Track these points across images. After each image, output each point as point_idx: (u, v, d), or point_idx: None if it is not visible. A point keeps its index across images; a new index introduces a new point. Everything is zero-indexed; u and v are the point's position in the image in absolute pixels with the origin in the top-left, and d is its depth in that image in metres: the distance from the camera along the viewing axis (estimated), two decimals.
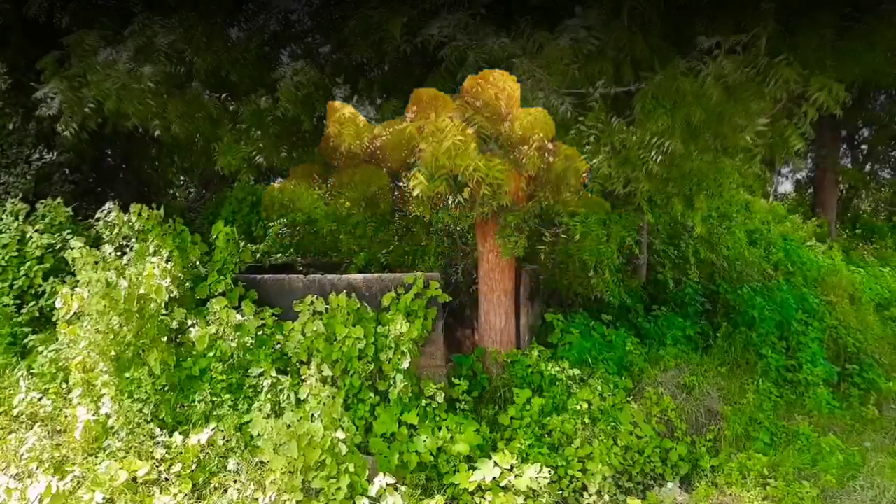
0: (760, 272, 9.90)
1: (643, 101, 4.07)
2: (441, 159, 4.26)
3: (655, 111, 4.05)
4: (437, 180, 4.47)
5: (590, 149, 4.45)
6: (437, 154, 4.21)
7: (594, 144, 4.44)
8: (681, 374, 7.31)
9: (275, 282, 7.20)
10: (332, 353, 6.24)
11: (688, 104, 4.03)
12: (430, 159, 4.23)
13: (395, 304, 6.66)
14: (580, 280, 8.55)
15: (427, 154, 4.23)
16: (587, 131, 4.45)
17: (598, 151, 4.48)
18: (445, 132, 4.22)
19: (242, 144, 6.36)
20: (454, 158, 4.32)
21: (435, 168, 4.37)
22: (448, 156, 4.24)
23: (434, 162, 4.26)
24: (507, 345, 7.43)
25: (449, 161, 4.35)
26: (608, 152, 4.52)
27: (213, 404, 6.05)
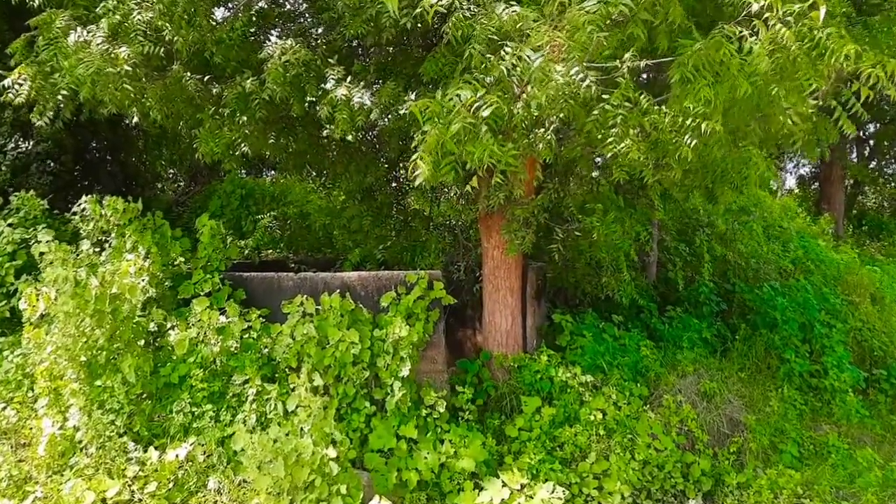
0: (777, 270, 9.38)
1: (682, 70, 3.53)
2: (448, 145, 3.72)
3: (695, 83, 3.51)
4: (444, 168, 3.92)
5: (616, 131, 3.91)
6: (443, 139, 3.67)
7: (621, 126, 3.90)
8: (700, 380, 6.80)
9: (263, 280, 6.65)
10: (323, 358, 5.70)
11: (732, 77, 3.50)
12: (435, 145, 3.68)
13: (395, 305, 6.13)
14: (589, 278, 8.04)
15: (431, 139, 3.68)
16: (612, 111, 3.91)
17: (625, 134, 3.94)
18: (453, 113, 3.68)
19: (226, 130, 5.80)
20: (464, 144, 3.78)
21: (441, 155, 3.82)
22: (457, 140, 3.70)
23: (440, 148, 3.72)
24: (513, 348, 6.91)
25: (458, 147, 3.80)
26: (636, 135, 3.98)
27: (192, 415, 5.51)
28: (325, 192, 7.96)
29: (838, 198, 19.57)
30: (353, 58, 6.67)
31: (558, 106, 3.96)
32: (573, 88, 3.87)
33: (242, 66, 6.07)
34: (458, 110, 3.72)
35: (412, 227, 7.89)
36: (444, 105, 3.78)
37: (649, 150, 4.15)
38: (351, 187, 7.42)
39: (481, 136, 3.78)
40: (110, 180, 13.60)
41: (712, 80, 3.55)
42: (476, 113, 3.73)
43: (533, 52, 3.74)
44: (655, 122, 3.98)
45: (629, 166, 4.33)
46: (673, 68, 3.64)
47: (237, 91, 5.79)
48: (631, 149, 4.01)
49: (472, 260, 7.58)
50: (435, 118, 3.81)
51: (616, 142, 4.04)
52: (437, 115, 3.83)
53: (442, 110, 3.78)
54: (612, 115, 3.97)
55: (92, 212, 6.47)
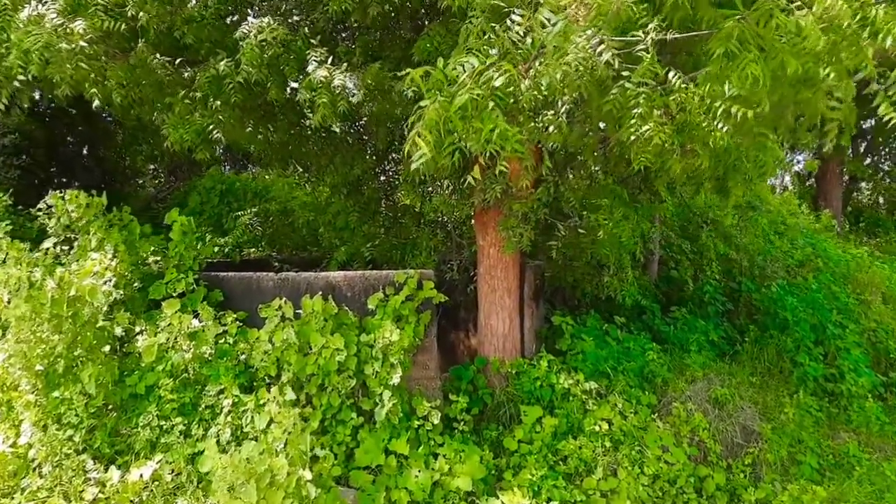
0: (784, 268, 8.96)
1: (725, 43, 3.05)
2: (453, 120, 3.21)
3: (740, 58, 3.04)
4: (446, 150, 3.42)
5: (638, 112, 3.45)
6: (446, 114, 3.16)
7: (644, 106, 3.43)
8: (710, 386, 6.36)
9: (241, 280, 6.15)
10: (305, 366, 5.21)
11: (779, 52, 3.03)
12: (437, 121, 3.17)
13: (383, 306, 5.64)
14: (590, 278, 7.59)
15: (432, 113, 3.17)
16: (634, 90, 3.44)
17: (648, 116, 3.48)
18: (458, 85, 3.17)
19: (197, 116, 5.29)
20: (471, 120, 3.27)
21: (443, 134, 3.31)
22: (462, 116, 3.19)
23: (442, 125, 3.21)
24: (510, 352, 6.45)
25: (463, 124, 3.30)
26: (661, 117, 3.51)
27: (160, 429, 5.00)
28: (309, 186, 7.44)
29: (835, 194, 19.31)
30: (337, 40, 6.18)
31: (572, 84, 3.48)
32: (590, 63, 3.40)
33: (216, 46, 5.57)
34: (462, 81, 3.23)
35: (402, 223, 7.40)
36: (447, 75, 3.29)
37: (674, 134, 3.68)
38: (336, 181, 6.91)
39: (490, 111, 3.28)
40: (87, 175, 13.05)
41: (759, 56, 3.08)
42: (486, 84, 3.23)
43: (552, 13, 3.24)
44: (683, 102, 3.52)
45: (651, 153, 3.84)
46: (714, 41, 3.15)
47: (210, 73, 5.29)
48: (655, 133, 3.55)
49: (467, 258, 7.11)
50: (435, 91, 3.32)
51: (637, 125, 3.56)
52: (438, 87, 3.34)
53: (444, 81, 3.29)
54: (634, 94, 3.50)
55: (56, 207, 5.95)
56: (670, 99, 3.44)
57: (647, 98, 3.43)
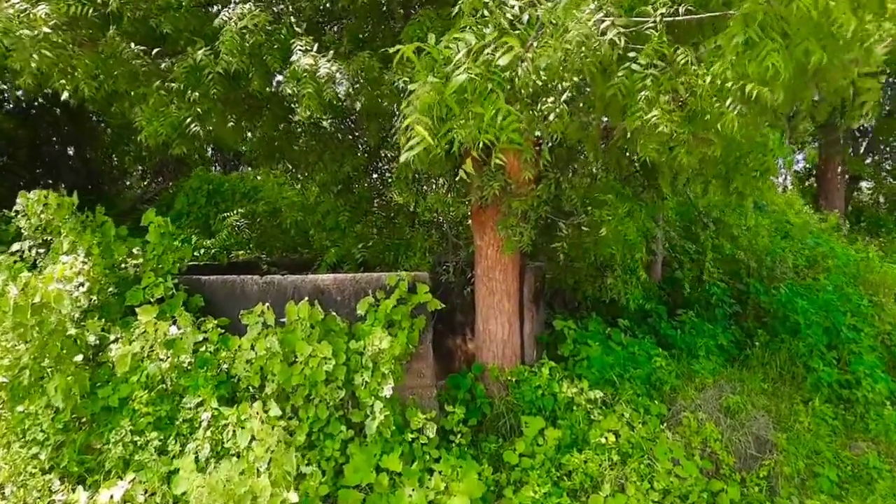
0: (793, 270, 8.63)
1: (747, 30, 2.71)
2: (450, 104, 2.86)
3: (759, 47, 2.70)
4: (443, 140, 3.06)
5: (645, 96, 3.11)
6: (440, 98, 2.81)
7: (651, 88, 3.10)
8: (721, 393, 6.02)
9: (224, 284, 5.78)
10: (291, 376, 4.85)
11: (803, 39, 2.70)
12: (431, 104, 2.82)
13: (374, 311, 5.30)
14: (592, 279, 7.25)
15: (426, 96, 2.82)
16: (641, 72, 3.11)
17: (654, 101, 3.14)
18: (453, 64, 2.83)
19: (173, 108, 4.94)
20: (471, 104, 2.92)
21: (437, 120, 2.96)
22: (459, 99, 2.84)
23: (438, 110, 2.85)
24: (510, 359, 6.10)
25: (461, 108, 2.94)
26: (669, 102, 3.18)
27: (134, 445, 4.64)
28: (298, 185, 7.08)
29: (837, 194, 19.10)
30: (324, 29, 5.83)
31: (573, 65, 3.14)
32: (593, 43, 3.06)
33: (195, 36, 5.23)
34: (458, 60, 2.88)
35: (395, 223, 7.05)
36: (441, 53, 2.94)
37: (684, 121, 3.34)
38: (325, 179, 6.55)
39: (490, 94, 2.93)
40: (73, 176, 12.73)
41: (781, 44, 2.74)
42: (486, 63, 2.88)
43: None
44: (692, 85, 3.18)
45: (658, 143, 3.50)
46: (735, 24, 2.80)
47: (188, 64, 4.94)
48: (661, 120, 3.21)
49: (463, 260, 6.77)
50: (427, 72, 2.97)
51: (643, 111, 3.23)
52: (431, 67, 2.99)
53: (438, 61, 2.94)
54: (641, 76, 3.17)
55: (27, 208, 5.60)
56: (679, 82, 3.10)
57: (655, 81, 3.08)
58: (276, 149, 6.37)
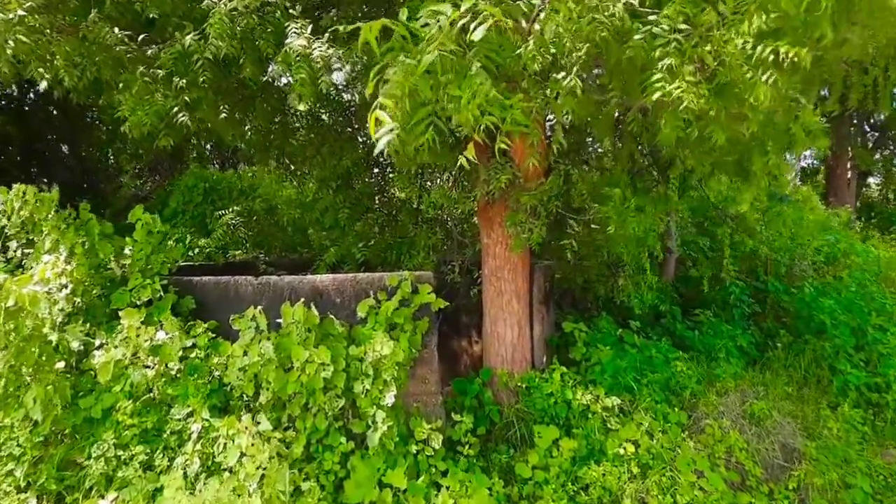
0: (812, 267, 8.27)
1: None
2: (421, 86, 2.52)
3: None
4: (418, 125, 2.71)
5: (668, 64, 2.76)
6: (410, 78, 2.47)
7: (675, 56, 2.74)
8: (745, 398, 5.68)
9: (216, 286, 5.45)
10: (286, 384, 4.52)
11: None
12: (401, 86, 2.48)
13: (374, 314, 4.96)
14: (604, 279, 6.91)
15: (397, 78, 2.49)
16: (663, 36, 2.76)
17: (678, 72, 2.79)
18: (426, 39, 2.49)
19: (158, 96, 4.60)
20: (444, 86, 2.58)
21: (410, 103, 2.62)
22: (430, 79, 2.51)
23: (405, 91, 2.51)
24: (520, 363, 5.76)
25: (435, 92, 2.61)
26: (694, 73, 2.82)
27: (117, 460, 4.31)
28: (295, 181, 6.74)
29: (847, 190, 18.79)
30: (321, 13, 5.48)
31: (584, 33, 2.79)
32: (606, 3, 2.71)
33: (184, 20, 4.88)
34: (431, 36, 2.54)
35: (397, 220, 6.70)
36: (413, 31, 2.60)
37: (712, 95, 2.97)
38: (324, 174, 6.21)
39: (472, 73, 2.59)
40: (66, 174, 12.40)
41: None
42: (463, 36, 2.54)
43: None
44: (722, 51, 2.81)
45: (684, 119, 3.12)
46: None
47: (175, 49, 4.60)
48: (686, 92, 2.84)
49: (469, 259, 6.43)
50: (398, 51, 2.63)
51: (665, 81, 2.87)
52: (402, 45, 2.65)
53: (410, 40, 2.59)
54: (663, 42, 2.81)
55: (5, 205, 5.28)
56: (705, 50, 2.75)
57: (678, 46, 2.72)
58: (272, 142, 6.03)
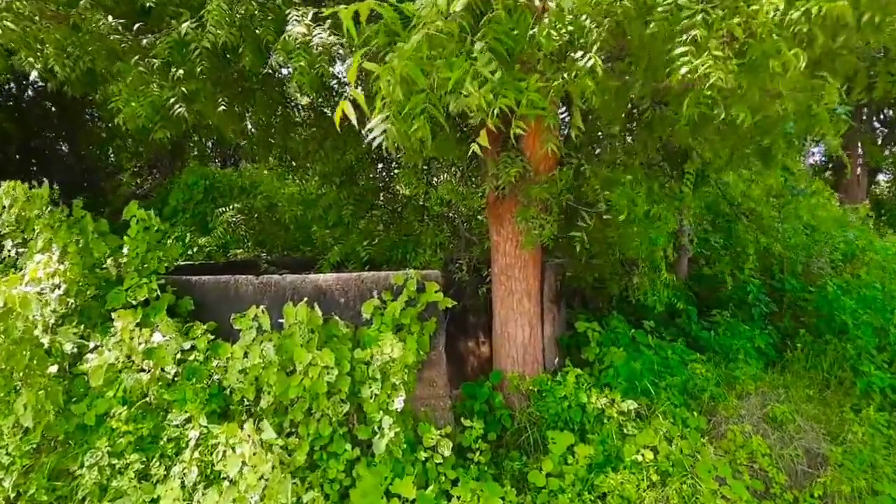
0: (830, 264, 8.02)
1: None
2: (411, 70, 2.30)
3: None
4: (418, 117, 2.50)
5: (692, 35, 2.52)
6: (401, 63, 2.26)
7: (702, 28, 2.52)
8: (766, 401, 5.45)
9: (216, 285, 5.25)
10: (289, 388, 4.31)
11: None
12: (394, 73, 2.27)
13: (380, 315, 4.75)
14: (617, 278, 6.67)
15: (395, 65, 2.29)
16: (690, 7, 2.53)
17: (704, 46, 2.56)
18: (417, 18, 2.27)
19: (154, 87, 4.39)
20: (439, 69, 2.37)
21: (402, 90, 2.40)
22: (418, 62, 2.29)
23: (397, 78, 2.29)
24: (531, 366, 5.54)
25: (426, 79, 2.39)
26: (722, 47, 2.59)
27: (111, 470, 4.10)
28: (297, 177, 6.51)
29: (856, 187, 18.58)
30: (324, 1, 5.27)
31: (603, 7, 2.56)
32: None
33: (182, 7, 4.67)
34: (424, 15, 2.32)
35: (403, 217, 6.48)
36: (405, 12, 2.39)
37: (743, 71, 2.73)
38: (327, 169, 5.99)
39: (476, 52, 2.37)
40: (66, 172, 12.22)
41: None
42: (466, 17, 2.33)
43: None
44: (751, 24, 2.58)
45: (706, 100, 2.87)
46: None
47: (172, 38, 4.39)
48: (713, 69, 2.61)
49: (478, 257, 6.20)
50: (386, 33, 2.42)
51: (691, 55, 2.63)
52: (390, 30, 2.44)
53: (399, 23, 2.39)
54: (690, 13, 2.58)
55: None
56: (733, 22, 2.52)
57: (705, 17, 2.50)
58: (272, 135, 5.81)
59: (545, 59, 2.95)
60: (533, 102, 2.63)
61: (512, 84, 2.65)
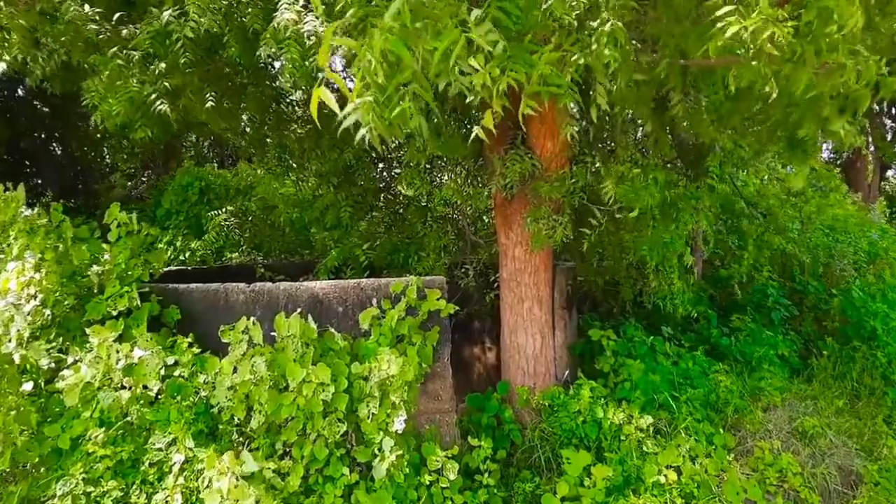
0: (853, 266, 7.64)
1: None
2: (393, 45, 1.96)
3: None
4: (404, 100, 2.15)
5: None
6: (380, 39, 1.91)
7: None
8: (793, 414, 5.09)
9: (205, 294, 4.89)
10: (281, 407, 3.96)
11: None
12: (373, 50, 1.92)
13: (378, 325, 4.40)
14: (632, 281, 6.32)
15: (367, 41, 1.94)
16: None
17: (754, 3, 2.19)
18: None
19: (133, 82, 4.05)
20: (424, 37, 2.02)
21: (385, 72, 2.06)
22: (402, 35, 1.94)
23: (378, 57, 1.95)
24: (543, 377, 5.19)
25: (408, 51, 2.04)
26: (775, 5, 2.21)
27: (87, 498, 3.75)
28: (294, 176, 6.14)
29: (869, 183, 18.20)
30: None
31: None
32: None
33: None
34: None
35: (405, 219, 6.12)
36: None
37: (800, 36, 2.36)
38: (324, 169, 5.64)
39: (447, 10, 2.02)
40: (56, 173, 11.91)
41: None
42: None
43: None
44: None
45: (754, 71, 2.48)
46: None
47: (153, 28, 4.04)
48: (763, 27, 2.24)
49: (485, 261, 5.86)
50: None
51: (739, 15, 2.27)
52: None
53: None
54: None
55: None
56: None
57: None
58: (268, 134, 5.46)
59: (561, 31, 2.58)
60: (546, 78, 2.27)
61: (522, 56, 2.29)
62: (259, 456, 3.94)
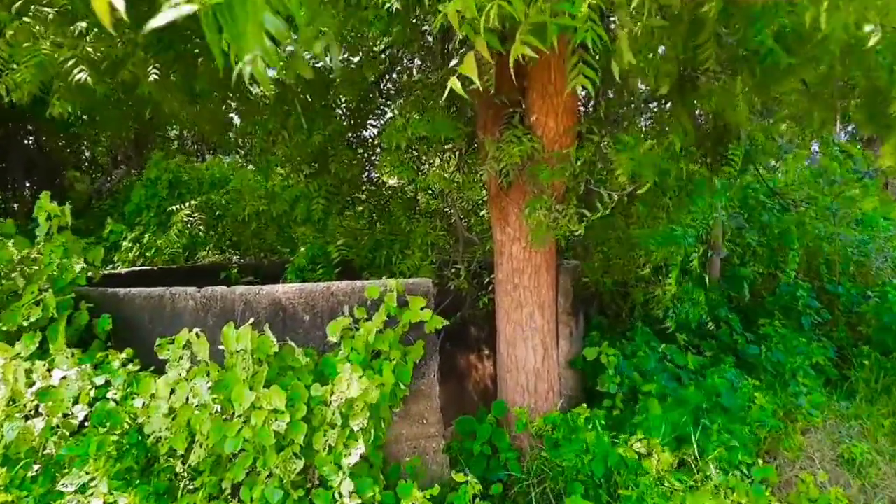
0: (892, 265, 6.89)
1: None
2: None
3: None
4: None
5: None
6: None
7: None
8: (836, 437, 4.36)
9: (147, 300, 4.17)
10: (226, 439, 3.24)
11: None
12: None
13: (350, 338, 3.68)
14: (642, 284, 5.60)
15: None
16: None
17: None
18: None
19: (46, 44, 3.32)
20: None
21: None
22: None
23: None
24: (545, 396, 4.46)
25: None
26: None
27: None
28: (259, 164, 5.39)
29: None
30: None
31: None
32: None
33: None
34: None
35: (388, 211, 5.38)
36: None
37: None
38: (292, 154, 4.90)
39: None
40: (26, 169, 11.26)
41: None
42: None
43: None
44: None
45: None
46: None
47: None
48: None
49: (479, 259, 5.13)
50: None
51: None
52: None
53: None
54: None
55: None
56: None
57: None
58: (223, 113, 4.73)
59: None
60: (553, 7, 1.55)
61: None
62: (200, 498, 3.24)
